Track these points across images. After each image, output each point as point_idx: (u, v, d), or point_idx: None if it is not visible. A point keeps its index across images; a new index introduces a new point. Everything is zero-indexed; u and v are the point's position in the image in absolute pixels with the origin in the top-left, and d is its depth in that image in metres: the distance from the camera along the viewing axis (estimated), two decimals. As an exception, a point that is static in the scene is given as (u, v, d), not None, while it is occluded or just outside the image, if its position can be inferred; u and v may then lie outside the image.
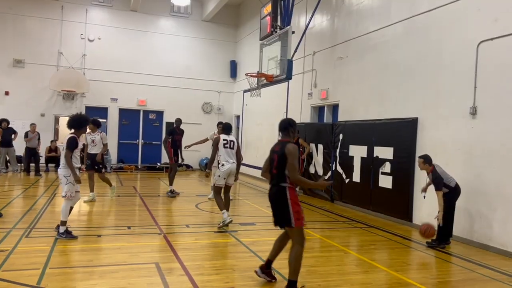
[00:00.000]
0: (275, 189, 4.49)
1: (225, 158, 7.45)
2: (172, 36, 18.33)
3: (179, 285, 4.50)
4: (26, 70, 16.23)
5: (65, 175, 6.12)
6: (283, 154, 4.41)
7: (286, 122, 4.78)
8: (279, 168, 4.44)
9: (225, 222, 7.16)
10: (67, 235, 6.12)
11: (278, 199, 4.45)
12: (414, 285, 4.87)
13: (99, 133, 9.80)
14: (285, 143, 4.51)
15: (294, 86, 13.18)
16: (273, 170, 4.53)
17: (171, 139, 10.98)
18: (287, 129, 4.70)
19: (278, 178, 4.46)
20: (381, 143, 9.06)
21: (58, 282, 4.42)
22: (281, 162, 4.42)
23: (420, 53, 8.29)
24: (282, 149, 4.46)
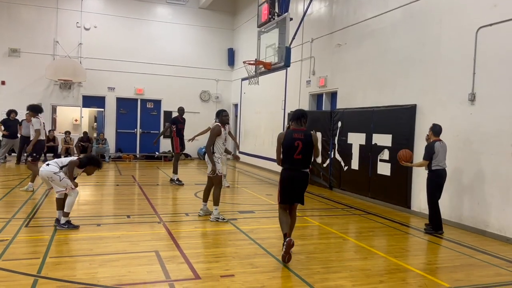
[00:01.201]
0: (302, 173, 5.10)
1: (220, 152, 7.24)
2: (169, 24, 18.17)
3: (179, 273, 4.53)
4: (22, 59, 16.10)
5: (56, 172, 6.05)
6: (310, 141, 5.05)
7: (301, 112, 5.27)
8: (305, 153, 5.03)
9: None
10: (69, 225, 6.13)
11: (304, 182, 5.15)
12: (413, 271, 4.91)
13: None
14: (306, 131, 5.10)
15: (293, 74, 13.13)
16: (295, 155, 5.01)
17: (175, 128, 10.95)
18: (300, 119, 5.19)
19: (304, 163, 5.08)
20: (379, 130, 9.05)
21: (59, 271, 4.44)
22: (307, 148, 5.04)
23: (419, 39, 8.24)
24: (307, 136, 5.05)
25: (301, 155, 5.01)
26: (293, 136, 5.05)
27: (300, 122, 5.19)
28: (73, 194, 6.12)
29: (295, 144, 5.00)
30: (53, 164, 6.12)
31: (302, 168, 5.08)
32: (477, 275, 4.87)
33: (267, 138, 15.21)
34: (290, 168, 5.11)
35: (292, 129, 5.18)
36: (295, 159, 5.03)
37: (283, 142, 5.08)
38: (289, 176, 5.11)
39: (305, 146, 5.01)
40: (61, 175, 6.04)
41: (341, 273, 4.74)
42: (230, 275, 4.51)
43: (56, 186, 6.07)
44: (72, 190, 6.11)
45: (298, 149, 4.99)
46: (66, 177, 6.06)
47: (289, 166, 5.10)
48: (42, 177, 6.15)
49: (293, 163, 5.06)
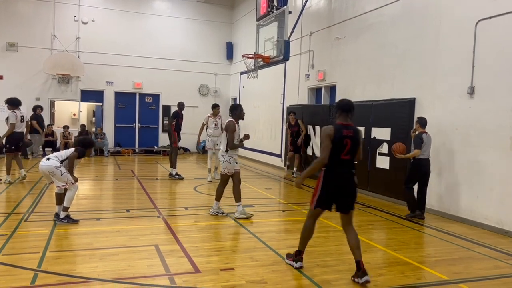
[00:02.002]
0: (351, 175, 4.43)
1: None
2: (167, 17, 18.07)
3: (179, 267, 4.54)
4: (19, 54, 16.01)
5: (57, 166, 6.03)
6: (358, 140, 4.39)
7: (350, 104, 4.53)
8: (353, 153, 4.37)
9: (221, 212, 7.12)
10: (69, 219, 6.13)
11: (353, 185, 4.46)
12: (412, 264, 4.93)
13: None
14: (354, 127, 4.43)
15: (291, 68, 13.10)
16: (342, 155, 4.31)
17: (175, 123, 10.94)
18: (349, 113, 4.48)
19: (351, 164, 4.42)
20: (378, 124, 9.05)
21: (59, 265, 4.45)
22: (355, 147, 4.37)
23: (418, 32, 8.22)
24: (356, 134, 4.39)
25: (349, 155, 4.33)
26: (342, 133, 4.30)
27: (349, 116, 4.46)
28: (73, 188, 6.11)
29: (344, 143, 4.28)
30: (53, 159, 6.09)
31: (351, 169, 4.42)
32: (475, 267, 4.90)
33: (266, 132, 15.21)
34: (338, 171, 4.37)
35: (340, 124, 4.39)
36: (343, 160, 4.32)
37: (333, 140, 4.28)
38: (338, 179, 4.37)
39: (353, 145, 4.33)
40: (62, 169, 6.02)
41: (340, 266, 4.76)
42: (229, 268, 4.53)
43: (57, 181, 6.06)
44: (72, 185, 6.10)
45: (347, 148, 4.29)
46: (66, 172, 6.05)
47: (336, 168, 4.34)
48: (42, 171, 6.12)
49: (341, 164, 4.34)
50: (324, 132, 4.36)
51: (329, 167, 4.37)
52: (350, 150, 4.33)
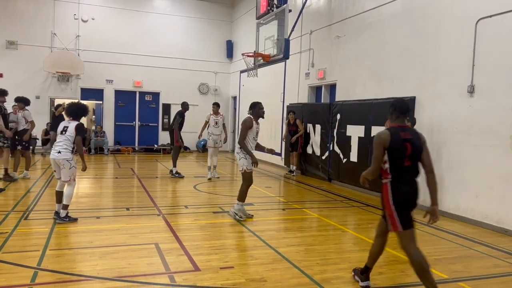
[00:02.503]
0: (416, 183, 3.91)
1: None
2: (167, 15, 18.05)
3: (179, 265, 4.54)
4: (19, 52, 16.00)
5: (68, 159, 6.08)
6: (419, 143, 3.84)
7: (407, 105, 4.06)
8: (415, 159, 3.83)
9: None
10: (69, 218, 6.14)
11: (418, 194, 3.94)
12: (411, 262, 4.93)
13: (22, 111, 9.69)
14: (413, 130, 3.99)
15: (291, 66, 13.09)
16: (405, 162, 3.79)
17: (179, 122, 10.94)
18: (406, 114, 3.99)
19: (415, 172, 3.89)
20: (378, 123, 9.03)
21: (59, 263, 4.45)
22: (417, 153, 3.83)
23: (418, 31, 8.21)
24: (416, 136, 3.86)
25: (410, 161, 3.81)
26: (400, 136, 3.79)
27: (406, 118, 4.00)
28: (72, 185, 6.15)
29: (403, 147, 3.77)
30: (64, 151, 6.06)
31: (415, 177, 3.91)
32: (475, 266, 4.90)
33: (266, 130, 15.17)
34: (403, 180, 3.84)
35: (396, 127, 3.90)
36: (406, 167, 3.81)
37: (389, 146, 3.77)
38: (404, 189, 3.86)
39: (414, 149, 3.80)
40: (72, 162, 6.10)
41: (340, 264, 4.77)
42: (229, 267, 4.53)
43: (65, 173, 6.08)
44: (73, 181, 6.15)
45: (408, 153, 3.76)
46: (75, 166, 6.13)
47: (400, 176, 3.83)
48: (55, 162, 6.10)
49: (405, 172, 3.83)
50: (378, 139, 3.84)
51: (393, 177, 3.84)
52: (412, 155, 3.80)
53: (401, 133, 3.81)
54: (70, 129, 6.16)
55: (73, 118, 6.30)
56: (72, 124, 6.20)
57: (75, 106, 6.39)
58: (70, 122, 6.25)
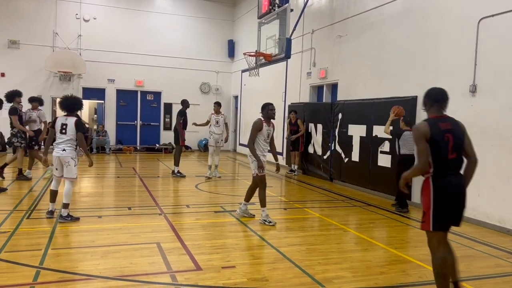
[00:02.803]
0: (461, 179, 3.60)
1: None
2: (168, 15, 18.05)
3: (180, 264, 4.55)
4: (21, 51, 16.02)
5: (73, 157, 6.15)
6: (461, 133, 3.61)
7: (445, 92, 3.77)
8: (458, 150, 3.57)
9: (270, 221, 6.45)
10: (71, 217, 6.15)
11: (465, 191, 3.61)
12: (413, 262, 4.93)
13: (37, 111, 9.85)
14: (453, 119, 3.67)
15: (293, 65, 13.08)
16: (449, 155, 3.51)
17: (182, 121, 10.97)
18: (444, 103, 3.72)
19: (460, 164, 3.58)
20: (380, 122, 9.03)
21: (61, 263, 4.46)
22: (460, 143, 3.58)
23: (420, 30, 8.20)
24: (456, 126, 3.61)
25: (455, 153, 3.53)
26: (440, 127, 3.52)
27: (443, 107, 3.70)
28: (72, 183, 6.25)
29: (445, 139, 3.49)
30: (68, 148, 6.13)
31: (460, 170, 3.63)
32: (477, 266, 4.90)
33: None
34: (447, 174, 3.53)
35: (434, 118, 3.62)
36: (450, 160, 3.52)
37: (430, 138, 3.47)
38: (450, 186, 3.53)
39: (457, 140, 3.54)
40: (76, 160, 6.19)
41: (341, 264, 4.76)
42: (231, 266, 4.53)
43: (71, 171, 6.13)
44: (75, 180, 6.28)
45: (450, 144, 3.49)
46: (77, 165, 6.24)
47: (444, 171, 3.52)
48: (59, 160, 6.14)
49: (449, 166, 3.53)
50: (416, 132, 3.54)
51: (436, 172, 3.52)
52: (455, 147, 3.52)
53: (441, 124, 3.55)
54: (70, 127, 6.17)
55: (69, 113, 6.30)
56: (71, 121, 6.21)
57: (70, 100, 6.35)
58: (67, 118, 6.24)
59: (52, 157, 6.22)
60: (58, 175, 6.24)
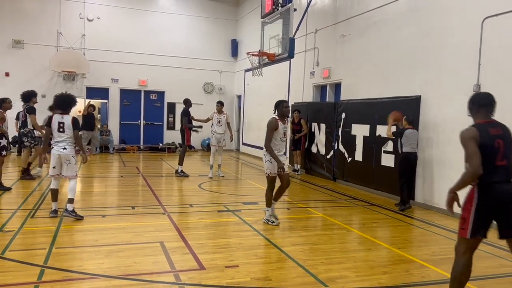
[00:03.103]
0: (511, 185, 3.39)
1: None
2: (172, 15, 18.08)
3: (184, 263, 4.56)
4: (25, 51, 16.08)
5: (73, 155, 6.30)
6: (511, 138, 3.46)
7: (492, 97, 3.61)
8: (509, 157, 3.40)
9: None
10: (76, 214, 6.22)
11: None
12: (417, 262, 4.93)
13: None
14: (502, 124, 3.54)
15: (296, 65, 13.08)
16: (497, 162, 3.35)
17: (187, 120, 11.00)
18: (492, 107, 3.58)
19: (509, 172, 3.41)
20: (383, 122, 9.01)
21: (65, 261, 4.48)
22: (510, 149, 3.42)
23: (423, 30, 8.18)
24: (507, 132, 3.49)
25: (505, 160, 3.37)
26: (489, 132, 3.39)
27: (490, 112, 3.56)
28: (75, 179, 6.38)
29: (495, 145, 3.36)
30: (68, 147, 6.26)
31: (509, 179, 3.41)
32: (481, 266, 4.88)
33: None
34: (495, 182, 3.36)
35: (483, 123, 3.48)
36: (499, 167, 3.36)
37: (479, 142, 3.34)
38: (499, 194, 3.35)
39: (508, 147, 3.39)
40: (75, 157, 6.34)
41: (344, 264, 4.76)
42: (234, 265, 4.54)
43: (71, 168, 6.26)
44: (76, 177, 6.42)
45: (500, 151, 3.35)
46: (77, 162, 6.40)
47: (492, 178, 3.35)
48: (59, 158, 6.25)
49: (497, 173, 3.36)
50: (466, 135, 3.42)
51: (483, 180, 3.36)
52: (506, 153, 3.38)
53: (490, 129, 3.41)
54: (67, 125, 6.27)
55: (64, 111, 6.36)
56: (67, 119, 6.29)
57: (64, 97, 6.43)
58: (63, 116, 6.31)
59: (51, 155, 6.29)
60: (55, 173, 6.31)
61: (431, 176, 7.89)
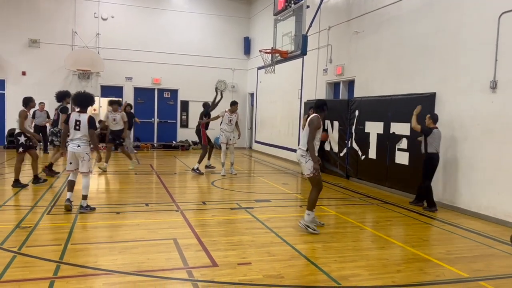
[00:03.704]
0: None
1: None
2: (185, 13, 18.16)
3: (197, 260, 4.59)
4: (41, 50, 16.33)
5: (88, 152, 6.48)
6: None
7: None
8: None
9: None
10: (90, 207, 6.51)
11: None
12: (431, 261, 4.87)
13: (120, 113, 11.09)
14: None
15: (309, 62, 13.02)
16: None
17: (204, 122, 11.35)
18: None
19: None
20: (397, 119, 8.93)
21: (80, 257, 4.54)
22: None
23: (438, 26, 8.06)
24: None
25: None
26: None
27: None
28: (89, 176, 6.58)
29: None
30: (83, 144, 6.45)
31: None
32: (497, 265, 4.81)
33: (283, 127, 15.17)
34: None
35: None
36: None
37: None
38: None
39: None
40: (89, 155, 6.52)
41: (358, 262, 4.74)
42: (247, 263, 4.55)
43: (85, 165, 6.47)
44: (90, 173, 6.65)
45: None
46: (91, 159, 6.59)
47: None
48: (74, 155, 6.45)
49: None
50: None
51: None
52: None
53: None
54: (83, 123, 6.47)
55: (82, 109, 6.58)
56: (84, 118, 6.49)
57: (83, 96, 6.64)
58: (80, 115, 6.51)
59: (68, 152, 6.51)
60: (71, 168, 6.55)
61: (447, 173, 7.79)
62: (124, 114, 11.31)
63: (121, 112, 11.22)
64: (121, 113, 11.20)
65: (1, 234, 5.18)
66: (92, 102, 6.77)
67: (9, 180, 8.76)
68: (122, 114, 11.20)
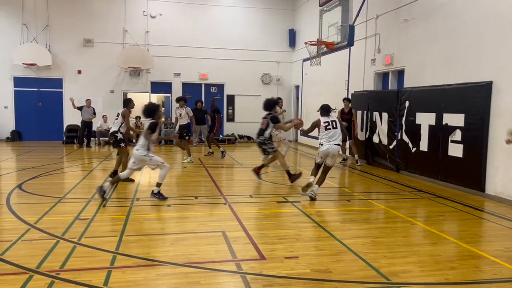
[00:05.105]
0: None
1: (327, 139, 7.58)
2: (230, 7, 18.31)
3: (245, 253, 4.66)
4: (95, 49, 17.11)
5: (145, 154, 6.92)
6: None
7: None
8: None
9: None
10: (160, 196, 7.05)
11: None
12: (487, 258, 4.66)
13: (185, 108, 11.82)
14: None
15: (356, 53, 12.74)
16: None
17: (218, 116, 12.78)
18: None
19: None
20: (451, 110, 8.56)
21: (135, 249, 4.75)
22: None
23: (494, 10, 7.61)
24: None
25: None
26: None
27: None
28: (164, 168, 7.02)
29: None
30: (140, 149, 6.94)
31: None
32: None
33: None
34: None
35: None
36: None
37: None
38: None
39: None
40: (150, 155, 6.95)
41: (408, 258, 4.62)
42: (294, 256, 4.57)
43: (150, 165, 7.05)
44: (163, 165, 7.01)
45: None
46: (154, 156, 7.00)
47: None
48: (136, 158, 6.97)
49: None
50: None
51: None
52: None
53: None
54: (145, 127, 7.09)
55: (149, 118, 7.22)
56: (146, 124, 7.14)
57: (147, 108, 7.28)
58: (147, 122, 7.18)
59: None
60: (135, 167, 7.05)
61: (505, 167, 7.38)
62: (189, 109, 11.88)
63: (186, 108, 11.81)
64: (186, 108, 11.80)
65: (63, 226, 5.51)
66: (156, 112, 7.18)
67: (68, 174, 9.29)
68: (187, 109, 11.79)
